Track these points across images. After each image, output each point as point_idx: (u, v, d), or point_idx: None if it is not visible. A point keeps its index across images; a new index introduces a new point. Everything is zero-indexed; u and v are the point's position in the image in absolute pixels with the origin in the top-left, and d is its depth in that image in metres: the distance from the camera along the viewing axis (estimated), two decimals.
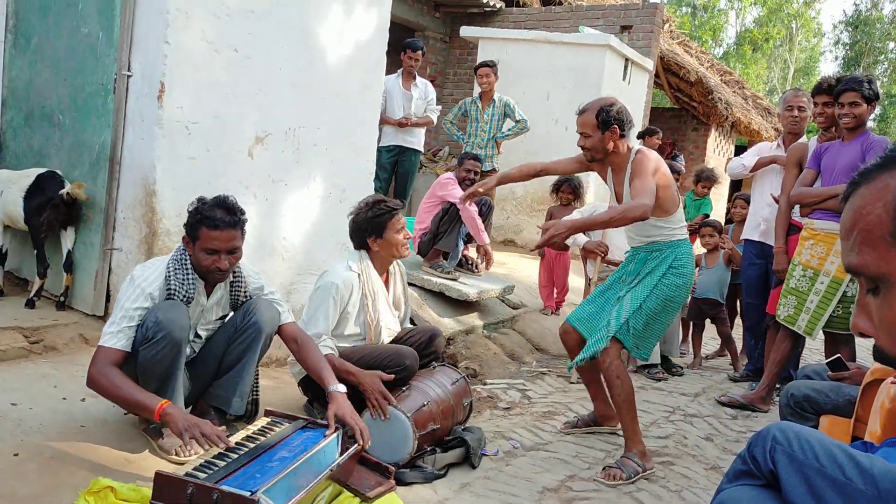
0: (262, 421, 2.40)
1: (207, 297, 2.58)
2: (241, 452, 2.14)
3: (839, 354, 2.79)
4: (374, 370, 2.81)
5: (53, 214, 3.37)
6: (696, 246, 4.53)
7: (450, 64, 9.68)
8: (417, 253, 4.94)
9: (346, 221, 3.07)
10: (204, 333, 2.64)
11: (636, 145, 3.00)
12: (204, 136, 3.36)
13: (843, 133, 3.71)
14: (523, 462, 2.90)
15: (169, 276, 2.44)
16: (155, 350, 2.31)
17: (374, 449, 2.48)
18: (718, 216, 9.91)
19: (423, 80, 6.17)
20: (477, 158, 5.07)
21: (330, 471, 2.17)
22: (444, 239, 4.81)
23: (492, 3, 8.90)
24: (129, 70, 3.29)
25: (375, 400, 2.65)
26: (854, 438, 2.28)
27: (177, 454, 2.42)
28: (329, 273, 2.95)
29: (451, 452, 2.78)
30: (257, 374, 2.74)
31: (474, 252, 5.30)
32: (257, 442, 2.23)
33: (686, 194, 6.06)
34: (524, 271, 6.15)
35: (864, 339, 1.03)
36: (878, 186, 0.91)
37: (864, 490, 1.08)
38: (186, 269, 2.47)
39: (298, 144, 3.82)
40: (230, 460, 2.08)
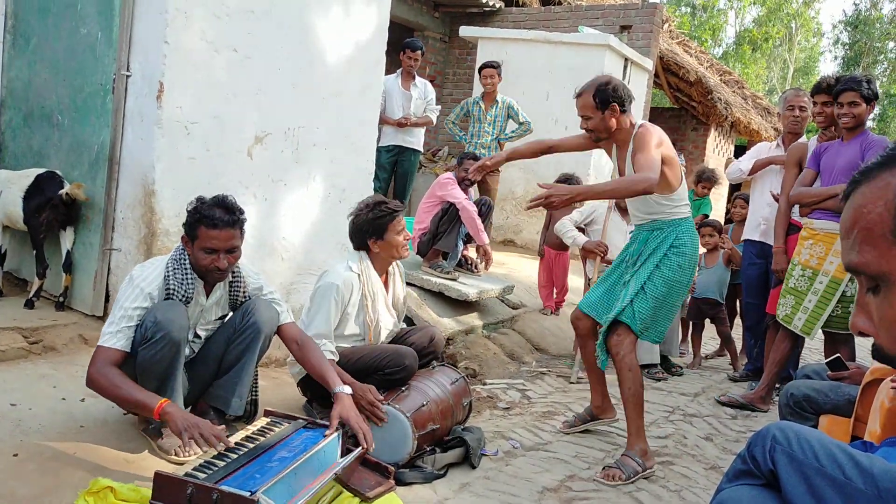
0: (261, 421, 2.40)
1: (207, 297, 2.58)
2: (241, 452, 2.14)
3: (839, 354, 2.80)
4: (373, 371, 2.82)
5: (53, 215, 3.37)
6: None
7: (449, 64, 9.68)
8: (417, 253, 4.93)
9: (346, 221, 3.07)
10: (203, 333, 2.64)
11: (639, 121, 2.99)
12: (203, 136, 3.35)
13: (843, 133, 3.72)
14: (523, 462, 2.90)
15: (168, 275, 2.44)
16: (154, 350, 2.31)
17: (373, 449, 2.48)
18: (718, 216, 9.92)
19: (422, 79, 6.17)
20: (476, 158, 5.05)
21: (335, 474, 2.17)
22: (443, 239, 4.81)
23: (491, 3, 8.90)
24: (128, 70, 3.29)
25: (367, 411, 2.64)
26: (854, 438, 2.28)
27: (176, 454, 2.42)
28: (329, 273, 2.94)
29: (451, 452, 2.78)
30: (256, 375, 2.74)
31: (474, 252, 5.30)
32: (257, 442, 2.23)
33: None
34: (524, 271, 6.15)
35: (864, 339, 1.03)
36: (878, 185, 0.91)
37: (863, 490, 1.08)
38: (185, 269, 2.47)
39: (298, 144, 3.82)
40: (230, 460, 2.08)
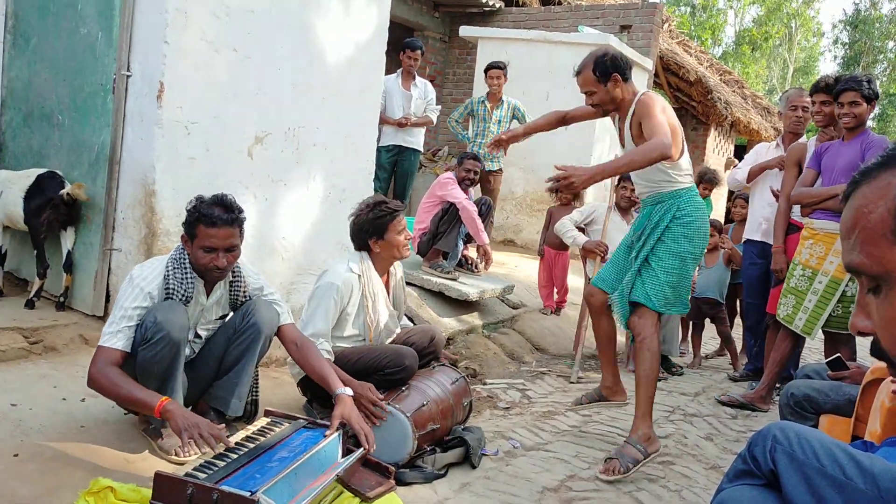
0: (261, 421, 2.40)
1: (207, 297, 2.58)
2: (241, 452, 2.14)
3: (839, 354, 2.80)
4: (373, 371, 2.81)
5: (53, 215, 3.38)
6: None
7: (449, 64, 9.68)
8: (417, 253, 4.93)
9: (346, 221, 3.07)
10: (204, 333, 2.64)
11: (641, 89, 2.97)
12: (203, 136, 3.35)
13: (843, 133, 3.71)
14: (523, 462, 2.90)
15: (168, 275, 2.43)
16: (154, 350, 2.31)
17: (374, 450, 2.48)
18: (718, 216, 9.93)
19: (422, 79, 6.17)
20: (476, 158, 5.06)
21: (337, 475, 2.16)
22: (443, 239, 4.81)
23: (491, 3, 8.90)
24: (128, 70, 3.29)
25: (366, 408, 2.64)
26: (854, 438, 2.28)
27: (176, 454, 2.42)
28: (329, 273, 2.94)
29: (451, 452, 2.77)
30: (257, 375, 2.74)
31: (474, 252, 5.30)
32: (257, 442, 2.23)
33: None
34: (524, 271, 6.15)
35: (864, 339, 1.03)
36: (879, 185, 0.91)
37: (864, 490, 1.08)
38: (185, 269, 2.46)
39: (298, 144, 3.82)
40: (230, 460, 2.08)
